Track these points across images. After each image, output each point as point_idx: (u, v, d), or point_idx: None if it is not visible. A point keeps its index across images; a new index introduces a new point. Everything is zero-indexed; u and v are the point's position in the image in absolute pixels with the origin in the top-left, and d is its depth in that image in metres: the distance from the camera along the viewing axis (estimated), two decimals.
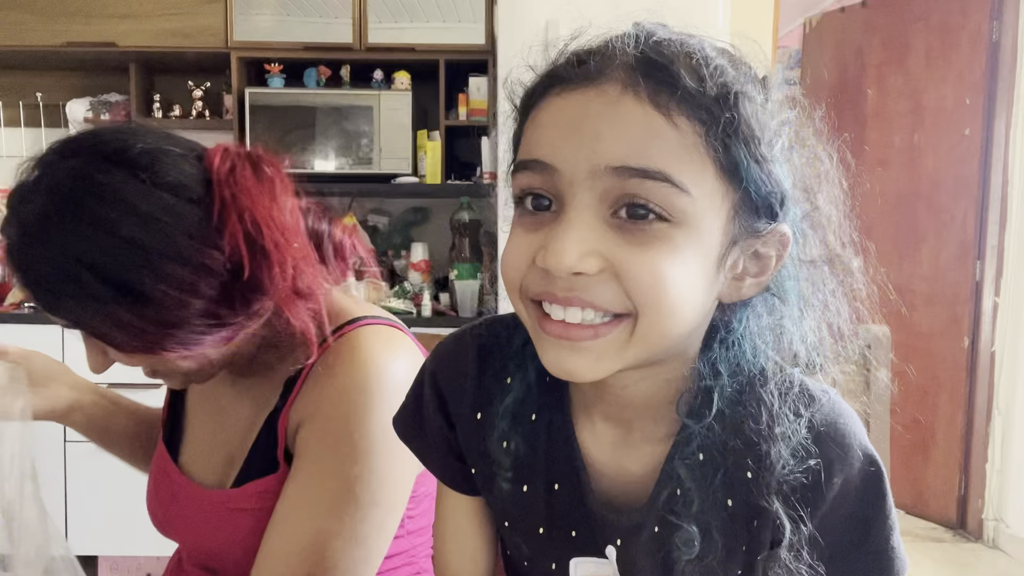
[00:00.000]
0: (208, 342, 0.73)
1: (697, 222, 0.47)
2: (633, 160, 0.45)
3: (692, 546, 0.53)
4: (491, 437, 0.60)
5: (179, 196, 0.69)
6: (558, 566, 0.62)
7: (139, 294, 0.67)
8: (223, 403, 0.89)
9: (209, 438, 0.89)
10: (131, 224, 0.67)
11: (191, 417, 0.93)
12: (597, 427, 0.59)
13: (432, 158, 2.77)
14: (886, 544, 0.53)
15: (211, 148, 0.75)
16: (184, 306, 0.69)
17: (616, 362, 0.49)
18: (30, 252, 0.68)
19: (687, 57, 0.47)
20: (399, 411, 0.69)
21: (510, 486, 0.60)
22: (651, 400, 0.56)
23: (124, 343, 0.71)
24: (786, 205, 0.50)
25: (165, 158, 0.71)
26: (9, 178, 0.72)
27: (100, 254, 0.67)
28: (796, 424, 0.52)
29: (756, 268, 0.52)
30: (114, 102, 2.94)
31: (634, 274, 0.46)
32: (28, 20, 2.71)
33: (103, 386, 0.95)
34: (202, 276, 0.69)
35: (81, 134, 0.73)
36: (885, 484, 0.53)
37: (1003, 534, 2.93)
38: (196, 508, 0.84)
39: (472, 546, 0.69)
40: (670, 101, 0.46)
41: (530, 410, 0.60)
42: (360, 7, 2.70)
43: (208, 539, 0.83)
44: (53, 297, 0.68)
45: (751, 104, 0.48)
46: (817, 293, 0.54)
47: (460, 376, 0.62)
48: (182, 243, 0.68)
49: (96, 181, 0.68)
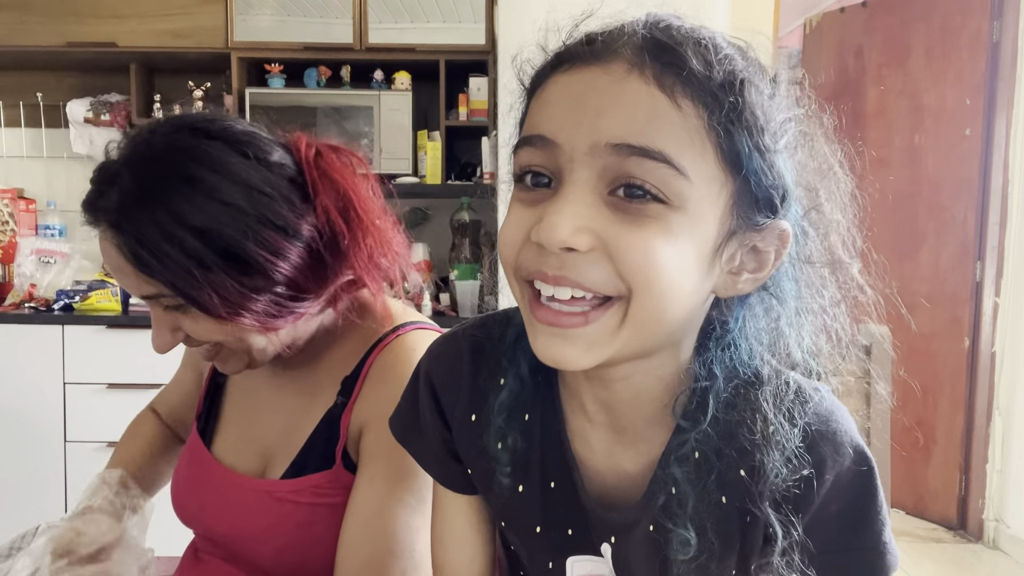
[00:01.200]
0: (286, 314, 0.77)
1: (694, 207, 0.46)
2: (633, 138, 0.45)
3: (688, 546, 0.53)
4: (487, 437, 0.60)
5: (277, 172, 0.76)
6: (555, 565, 0.62)
7: (238, 258, 0.72)
8: (261, 396, 0.91)
9: (245, 428, 0.91)
10: (235, 191, 0.72)
11: (228, 408, 0.94)
12: (589, 425, 0.58)
13: (432, 158, 2.77)
14: (878, 540, 0.53)
15: (292, 136, 0.82)
16: (276, 272, 0.74)
17: (606, 349, 0.49)
18: (135, 217, 0.71)
19: (696, 43, 0.47)
20: (396, 412, 0.69)
21: (508, 484, 0.60)
22: (643, 397, 0.55)
23: (215, 307, 0.73)
24: (788, 201, 0.49)
25: (262, 138, 0.78)
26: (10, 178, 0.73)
27: (206, 218, 0.71)
28: (791, 432, 0.51)
29: (754, 264, 0.51)
30: (114, 102, 2.94)
31: (625, 252, 0.46)
32: (28, 20, 2.70)
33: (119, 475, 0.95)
34: (295, 244, 0.75)
35: (177, 116, 0.78)
36: (876, 480, 0.53)
37: (1003, 534, 2.93)
38: (236, 496, 0.86)
39: (470, 546, 0.68)
40: (675, 83, 0.45)
41: (524, 408, 0.60)
42: (360, 7, 2.70)
43: (244, 525, 0.85)
44: (157, 262, 0.71)
45: (757, 93, 0.47)
46: (816, 296, 0.53)
47: (454, 378, 0.62)
48: (281, 212, 0.74)
49: (204, 151, 0.73)
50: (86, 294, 2.61)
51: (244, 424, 0.91)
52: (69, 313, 2.57)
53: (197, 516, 0.90)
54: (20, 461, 2.54)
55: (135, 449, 1.01)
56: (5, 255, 2.91)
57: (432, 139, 2.78)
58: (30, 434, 2.54)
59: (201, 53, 2.74)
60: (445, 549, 0.69)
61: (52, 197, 3.02)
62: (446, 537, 0.69)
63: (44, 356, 2.53)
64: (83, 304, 2.60)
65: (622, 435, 0.57)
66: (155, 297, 0.74)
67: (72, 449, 2.54)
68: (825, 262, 0.53)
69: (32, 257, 2.81)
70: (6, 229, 2.93)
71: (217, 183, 0.72)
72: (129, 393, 2.50)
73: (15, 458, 2.54)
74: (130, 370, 2.50)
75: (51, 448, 2.54)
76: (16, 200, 2.94)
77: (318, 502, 0.82)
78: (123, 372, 2.51)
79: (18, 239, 2.90)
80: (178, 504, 0.92)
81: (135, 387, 2.49)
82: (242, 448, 0.90)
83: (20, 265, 2.81)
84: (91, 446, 2.53)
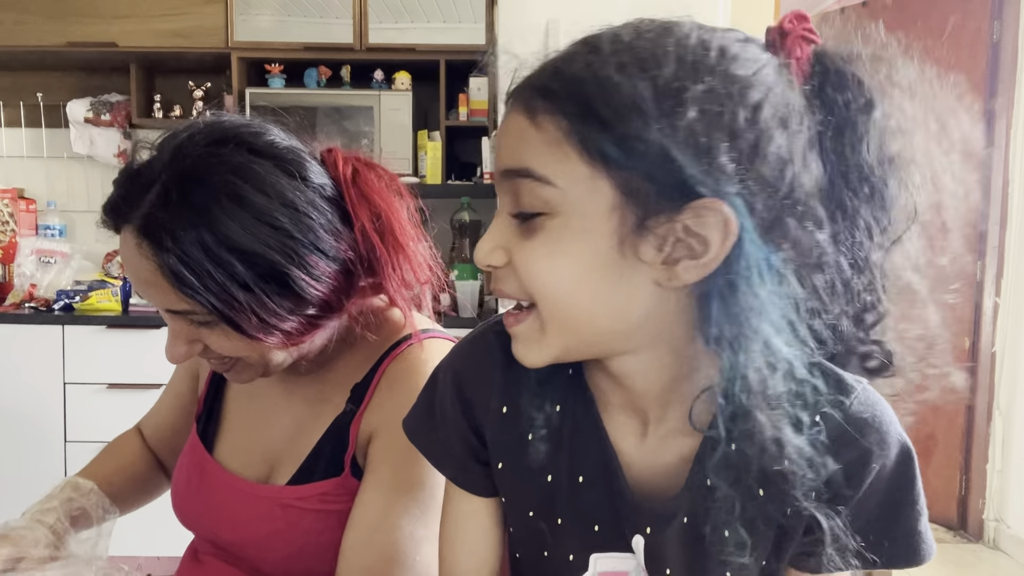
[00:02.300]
0: (311, 331, 0.76)
1: (571, 209, 0.49)
2: (509, 162, 0.51)
3: (726, 541, 0.53)
4: (521, 426, 0.60)
5: (318, 194, 0.74)
6: (576, 559, 0.62)
7: (281, 281, 0.71)
8: (268, 401, 0.90)
9: (250, 433, 0.90)
10: (284, 215, 0.71)
11: (230, 412, 0.93)
12: (619, 418, 0.59)
13: (432, 158, 2.77)
14: (914, 529, 0.54)
15: (323, 150, 0.80)
16: (313, 294, 0.73)
17: (546, 349, 0.53)
18: (180, 236, 0.68)
19: (563, 61, 0.51)
20: (411, 414, 0.69)
21: (539, 474, 0.61)
22: (658, 389, 0.55)
23: (248, 327, 0.72)
24: (707, 181, 0.46)
25: (304, 157, 0.76)
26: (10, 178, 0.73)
27: (252, 241, 0.69)
28: (831, 424, 0.50)
29: (691, 250, 0.48)
30: (115, 102, 2.95)
31: (522, 266, 0.52)
32: (29, 20, 2.71)
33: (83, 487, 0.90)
34: (333, 267, 0.74)
35: (219, 124, 0.75)
36: (916, 470, 0.53)
37: (1004, 535, 2.93)
38: (240, 501, 0.85)
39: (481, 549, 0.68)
40: (537, 105, 0.50)
41: (556, 399, 0.60)
42: (361, 7, 2.70)
43: (249, 531, 0.84)
44: (197, 279, 0.69)
45: (618, 89, 0.47)
46: (794, 278, 0.49)
47: (486, 373, 0.62)
48: (323, 236, 0.73)
49: (252, 170, 0.71)
50: (86, 294, 2.62)
51: (248, 428, 0.90)
52: (69, 313, 2.57)
53: (199, 520, 0.89)
54: (20, 461, 2.55)
55: (111, 467, 0.96)
56: (5, 255, 2.91)
57: (432, 139, 2.79)
58: (30, 434, 2.54)
59: (201, 53, 2.74)
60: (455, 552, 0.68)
61: (52, 197, 3.02)
62: (456, 540, 0.68)
63: (44, 356, 2.53)
64: (83, 304, 2.60)
65: (652, 428, 0.58)
66: (185, 313, 0.73)
67: (72, 449, 2.55)
68: (791, 241, 0.49)
69: (32, 257, 2.82)
70: (6, 229, 2.93)
71: (266, 205, 0.70)
72: (129, 393, 2.50)
73: (15, 458, 2.55)
74: (130, 370, 2.50)
75: (51, 448, 2.54)
76: (16, 200, 2.94)
77: (325, 509, 0.82)
78: (123, 372, 2.52)
79: (18, 239, 2.90)
80: (179, 507, 0.91)
81: (135, 387, 2.49)
82: (246, 453, 0.89)
83: (20, 265, 2.81)
84: (91, 446, 2.53)
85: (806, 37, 0.53)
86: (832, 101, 0.52)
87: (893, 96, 0.54)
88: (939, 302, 0.56)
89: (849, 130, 0.52)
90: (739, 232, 0.47)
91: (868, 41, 0.57)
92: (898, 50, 0.56)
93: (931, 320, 0.56)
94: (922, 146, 0.54)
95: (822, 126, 0.51)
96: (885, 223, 0.53)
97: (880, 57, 0.55)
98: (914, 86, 0.55)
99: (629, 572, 0.61)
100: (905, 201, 0.53)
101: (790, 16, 0.54)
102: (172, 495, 0.93)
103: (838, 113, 0.52)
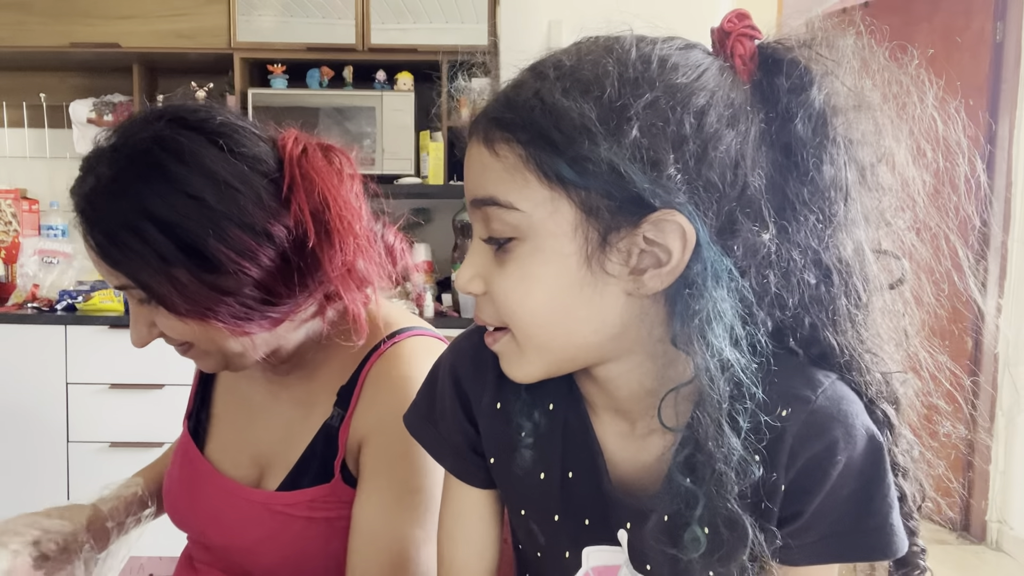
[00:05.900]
0: (258, 319, 0.74)
1: (537, 230, 0.51)
2: (476, 192, 0.54)
3: (697, 542, 0.53)
4: (512, 425, 0.62)
5: (252, 168, 0.72)
6: (571, 555, 0.63)
7: (200, 254, 0.69)
8: (255, 400, 0.89)
9: (240, 433, 0.89)
10: (203, 185, 0.69)
11: (218, 410, 0.93)
12: (605, 418, 0.61)
13: (435, 159, 2.77)
14: (885, 521, 0.54)
15: (284, 132, 0.78)
16: (242, 273, 0.71)
17: (527, 366, 0.56)
18: (101, 205, 0.71)
19: (513, 90, 0.53)
20: (411, 407, 0.70)
21: (530, 471, 0.62)
22: (640, 392, 0.57)
23: (177, 305, 0.71)
24: (658, 193, 0.48)
25: (243, 132, 0.74)
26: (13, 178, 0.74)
27: (168, 210, 0.69)
28: (797, 418, 0.52)
29: (655, 259, 0.50)
30: (117, 103, 2.95)
31: (497, 293, 0.54)
32: (31, 21, 2.71)
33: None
34: (264, 245, 0.71)
35: (164, 105, 0.76)
36: (885, 463, 0.54)
37: (1006, 536, 2.93)
38: (230, 504, 0.85)
39: (480, 541, 0.69)
40: (494, 135, 0.52)
41: (548, 397, 0.62)
42: (363, 8, 2.70)
43: (238, 535, 0.84)
44: (118, 251, 0.70)
45: (566, 113, 0.49)
46: (752, 275, 0.51)
47: (481, 368, 0.64)
48: (250, 210, 0.71)
49: (176, 141, 0.71)
50: (89, 294, 2.62)
51: (238, 428, 0.90)
52: (72, 313, 2.58)
53: (190, 519, 0.89)
54: (23, 461, 2.55)
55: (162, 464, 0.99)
56: (8, 255, 2.92)
57: (434, 139, 2.79)
58: (33, 434, 2.55)
59: (204, 54, 2.75)
60: (455, 544, 0.69)
61: (55, 197, 3.02)
62: (456, 531, 0.69)
63: (47, 356, 2.53)
64: (86, 304, 2.60)
65: (635, 428, 0.60)
66: (125, 288, 0.73)
67: (75, 449, 2.55)
68: (749, 242, 0.50)
69: (35, 257, 2.82)
70: (9, 229, 2.94)
71: (185, 174, 0.69)
72: (131, 393, 2.50)
73: (18, 458, 2.55)
74: (133, 370, 2.50)
75: (54, 448, 2.54)
76: (19, 200, 2.94)
77: (314, 516, 0.81)
78: (126, 372, 2.52)
79: (21, 239, 2.91)
80: (170, 505, 0.91)
81: (137, 387, 2.49)
82: (236, 453, 0.88)
83: (23, 265, 2.82)
84: (94, 446, 2.54)
85: (747, 34, 0.54)
86: (776, 89, 0.53)
87: (846, 77, 0.54)
88: (919, 296, 0.59)
89: (789, 115, 0.52)
90: (696, 237, 0.49)
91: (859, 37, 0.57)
92: (869, 37, 0.56)
93: (878, 313, 0.57)
94: (885, 127, 0.55)
95: (766, 122, 0.52)
96: (825, 206, 0.52)
97: (832, 42, 0.56)
98: (882, 68, 0.57)
99: (621, 565, 0.62)
100: (840, 180, 0.53)
101: (731, 15, 0.55)
102: (164, 492, 0.92)
103: (779, 101, 0.52)
